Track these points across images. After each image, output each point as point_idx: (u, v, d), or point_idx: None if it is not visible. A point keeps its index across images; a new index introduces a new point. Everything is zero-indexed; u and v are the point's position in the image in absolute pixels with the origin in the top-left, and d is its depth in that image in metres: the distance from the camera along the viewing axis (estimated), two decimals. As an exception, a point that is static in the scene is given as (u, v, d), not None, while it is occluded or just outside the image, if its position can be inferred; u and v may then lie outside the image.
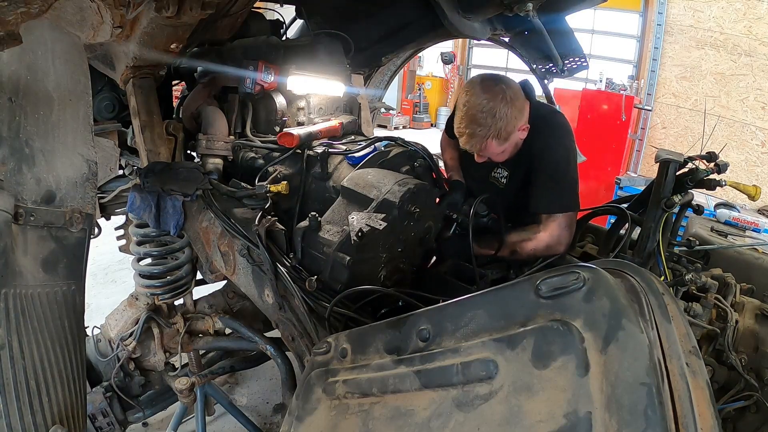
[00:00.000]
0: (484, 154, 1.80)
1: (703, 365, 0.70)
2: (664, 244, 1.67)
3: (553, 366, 0.74)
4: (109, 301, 3.34)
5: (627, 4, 8.47)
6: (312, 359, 1.15)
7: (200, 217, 1.81)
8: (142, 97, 1.82)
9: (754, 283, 1.88)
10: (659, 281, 0.81)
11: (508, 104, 1.67)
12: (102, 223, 2.37)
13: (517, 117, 1.71)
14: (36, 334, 1.29)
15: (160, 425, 2.58)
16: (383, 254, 1.60)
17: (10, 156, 1.26)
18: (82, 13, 1.39)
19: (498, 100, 1.66)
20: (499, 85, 1.70)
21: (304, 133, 1.92)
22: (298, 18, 2.62)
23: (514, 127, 1.72)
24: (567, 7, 2.51)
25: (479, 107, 1.66)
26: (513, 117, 1.69)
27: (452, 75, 12.57)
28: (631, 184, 5.11)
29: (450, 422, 0.82)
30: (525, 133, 1.79)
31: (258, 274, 1.64)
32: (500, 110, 1.66)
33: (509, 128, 1.70)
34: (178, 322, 2.01)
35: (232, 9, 1.71)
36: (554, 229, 1.81)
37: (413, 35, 2.58)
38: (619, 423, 0.63)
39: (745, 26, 6.89)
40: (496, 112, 1.66)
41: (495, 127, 1.67)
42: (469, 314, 0.89)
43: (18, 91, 1.26)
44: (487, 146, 1.73)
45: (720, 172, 1.67)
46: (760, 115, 6.91)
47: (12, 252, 1.24)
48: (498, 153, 1.79)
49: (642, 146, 8.11)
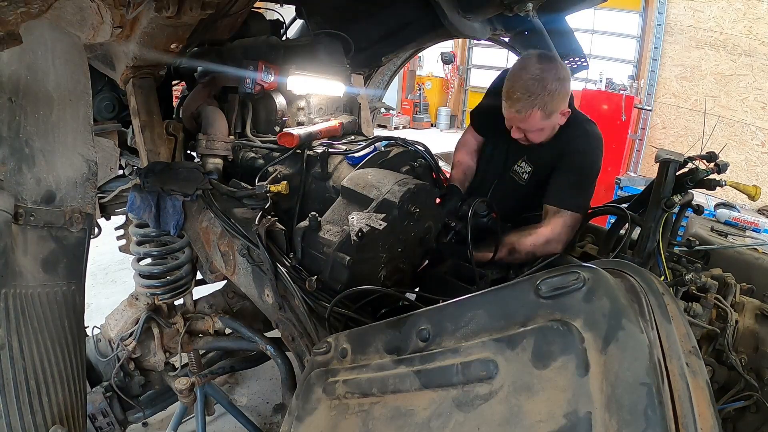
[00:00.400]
0: (525, 126, 1.83)
1: (703, 365, 0.70)
2: (664, 244, 1.66)
3: (553, 366, 0.74)
4: (109, 301, 3.34)
5: (627, 4, 8.48)
6: (312, 359, 1.15)
7: (200, 217, 1.81)
8: (142, 97, 1.82)
9: (754, 283, 1.88)
10: (659, 281, 0.81)
11: (560, 81, 1.74)
12: (102, 223, 2.37)
13: (562, 98, 1.77)
14: (36, 334, 1.29)
15: (160, 425, 2.58)
16: (383, 254, 1.60)
17: (10, 156, 1.26)
18: (82, 13, 1.39)
19: (551, 74, 1.73)
20: (554, 62, 1.78)
21: (304, 133, 1.92)
22: (298, 18, 2.62)
23: (558, 107, 1.78)
24: (567, 7, 2.52)
25: (533, 75, 1.72)
26: (559, 96, 1.75)
27: (452, 75, 12.57)
28: (631, 184, 5.11)
29: (450, 422, 0.82)
30: (564, 119, 1.85)
31: (258, 274, 1.64)
32: (551, 84, 1.72)
33: (554, 105, 1.76)
34: (178, 322, 2.01)
35: (232, 9, 1.71)
36: (558, 225, 1.83)
37: (413, 35, 2.59)
38: (619, 423, 0.63)
39: (745, 26, 6.89)
40: (546, 84, 1.72)
41: (542, 99, 1.73)
42: (469, 314, 0.89)
43: (18, 91, 1.26)
44: (531, 115, 1.77)
45: (720, 172, 1.66)
46: (760, 115, 6.92)
47: (12, 252, 1.24)
48: (536, 129, 1.83)
49: (642, 146, 8.12)
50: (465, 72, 12.52)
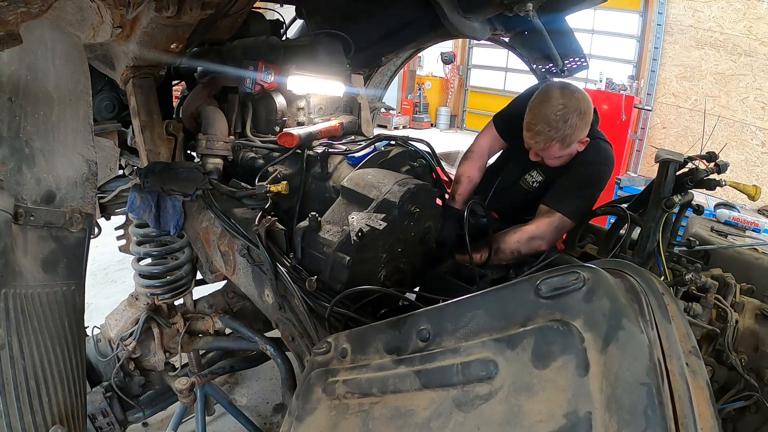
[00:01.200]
0: (544, 154, 1.90)
1: (703, 365, 0.70)
2: (664, 244, 1.66)
3: (553, 366, 0.74)
4: (109, 301, 3.34)
5: (627, 4, 8.47)
6: (312, 359, 1.15)
7: (200, 217, 1.81)
8: (142, 97, 1.82)
9: (754, 283, 1.88)
10: (659, 281, 0.80)
11: (580, 115, 1.79)
12: (102, 223, 2.38)
13: (582, 129, 1.83)
14: (36, 334, 1.29)
15: (160, 425, 2.58)
16: (383, 254, 1.60)
17: (10, 156, 1.26)
18: (82, 13, 1.39)
19: (572, 108, 1.78)
20: (576, 95, 1.82)
21: (304, 133, 1.92)
22: (298, 18, 2.63)
23: (577, 138, 1.84)
24: (567, 7, 2.52)
25: (555, 109, 1.78)
26: (579, 129, 1.81)
27: (452, 75, 12.56)
28: (631, 184, 5.11)
29: (450, 422, 0.82)
30: (583, 146, 1.91)
31: (258, 274, 1.64)
32: (572, 119, 1.77)
33: (574, 137, 1.82)
34: (178, 322, 2.01)
35: (232, 9, 1.71)
36: (544, 224, 1.86)
37: (413, 35, 2.59)
38: (619, 423, 0.63)
39: (745, 26, 6.89)
40: (568, 119, 1.77)
41: (563, 133, 1.79)
42: (469, 314, 0.89)
43: (18, 91, 1.26)
44: (550, 147, 1.84)
45: (720, 172, 1.66)
46: (760, 115, 6.92)
47: (12, 252, 1.24)
48: (555, 157, 1.90)
49: (642, 146, 8.11)
50: (465, 72, 12.51)
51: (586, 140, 1.89)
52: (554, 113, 1.77)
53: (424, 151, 2.04)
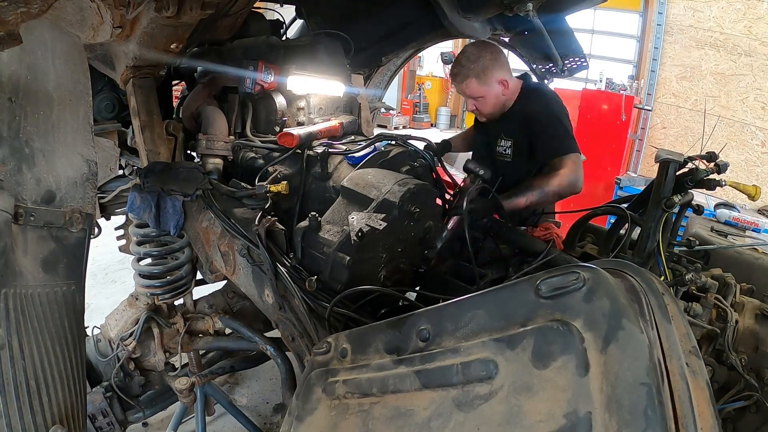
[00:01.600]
0: (469, 92, 2.14)
1: (703, 365, 0.70)
2: (664, 244, 1.66)
3: (553, 366, 0.74)
4: (109, 301, 3.34)
5: (627, 4, 8.46)
6: (312, 359, 1.15)
7: (200, 217, 1.81)
8: (142, 97, 1.82)
9: (754, 283, 1.88)
10: (659, 281, 0.80)
11: (492, 57, 2.09)
12: (102, 223, 2.38)
13: (496, 68, 2.09)
14: (36, 334, 1.29)
15: (160, 425, 2.59)
16: (383, 254, 1.60)
17: (10, 156, 1.26)
18: (82, 13, 1.39)
19: (484, 52, 2.10)
20: (487, 44, 2.17)
21: (304, 133, 1.92)
22: (298, 18, 2.62)
23: (494, 75, 2.09)
24: (567, 7, 2.52)
25: (467, 54, 2.12)
26: (493, 66, 2.08)
27: (452, 75, 12.55)
28: (631, 184, 5.11)
29: (450, 422, 0.82)
30: (506, 90, 2.14)
31: (258, 274, 1.64)
32: (482, 58, 2.08)
33: (488, 73, 2.08)
34: (178, 322, 2.01)
35: (232, 9, 1.71)
36: (572, 166, 2.01)
37: (413, 35, 2.59)
38: (619, 423, 0.63)
39: (745, 26, 6.88)
40: (478, 59, 2.08)
41: (476, 70, 2.08)
42: (469, 314, 0.89)
43: (18, 91, 1.26)
44: (468, 85, 2.11)
45: (720, 172, 1.67)
46: (760, 115, 6.91)
47: (12, 252, 1.24)
48: (479, 96, 2.14)
49: (642, 146, 8.10)
50: (465, 72, 12.51)
51: (506, 81, 2.11)
52: (466, 57, 2.10)
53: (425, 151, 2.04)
